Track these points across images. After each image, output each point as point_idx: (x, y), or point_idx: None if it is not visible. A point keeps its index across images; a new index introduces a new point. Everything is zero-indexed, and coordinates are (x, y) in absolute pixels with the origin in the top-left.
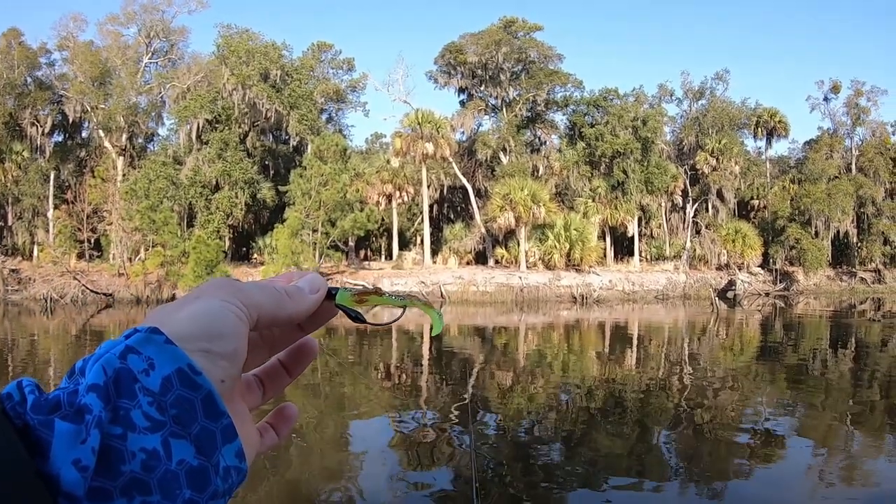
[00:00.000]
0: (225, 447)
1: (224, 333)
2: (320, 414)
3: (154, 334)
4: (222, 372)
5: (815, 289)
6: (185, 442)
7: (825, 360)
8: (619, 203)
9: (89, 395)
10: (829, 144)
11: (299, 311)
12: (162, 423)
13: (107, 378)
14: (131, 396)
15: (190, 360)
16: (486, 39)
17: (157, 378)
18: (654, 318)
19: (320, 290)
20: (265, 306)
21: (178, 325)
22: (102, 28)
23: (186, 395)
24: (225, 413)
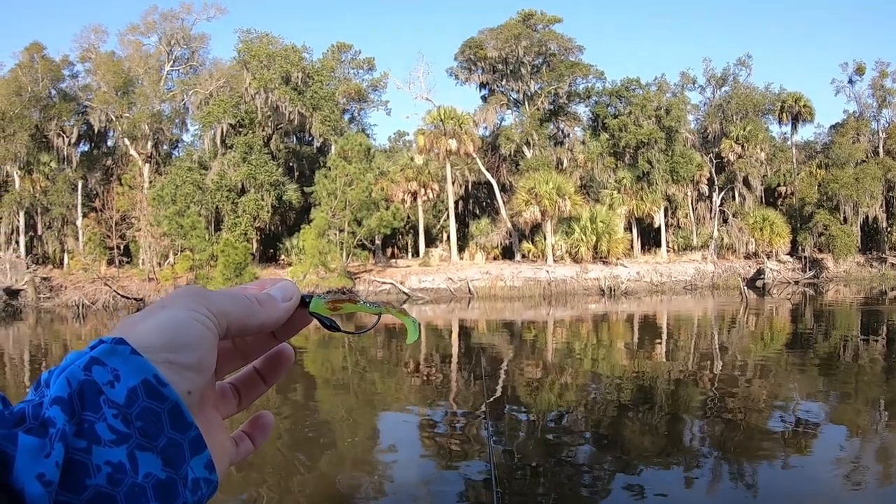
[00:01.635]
0: (193, 459)
1: (189, 344)
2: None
3: (119, 345)
4: (189, 383)
5: (845, 276)
6: (152, 454)
7: (856, 347)
8: (645, 194)
9: (53, 408)
10: (855, 128)
11: (271, 320)
12: (127, 435)
13: (71, 390)
14: (96, 409)
15: (156, 371)
16: (506, 33)
17: (123, 390)
18: (683, 308)
19: (293, 299)
20: (234, 314)
21: (142, 335)
22: (123, 38)
23: (152, 407)
24: (192, 424)
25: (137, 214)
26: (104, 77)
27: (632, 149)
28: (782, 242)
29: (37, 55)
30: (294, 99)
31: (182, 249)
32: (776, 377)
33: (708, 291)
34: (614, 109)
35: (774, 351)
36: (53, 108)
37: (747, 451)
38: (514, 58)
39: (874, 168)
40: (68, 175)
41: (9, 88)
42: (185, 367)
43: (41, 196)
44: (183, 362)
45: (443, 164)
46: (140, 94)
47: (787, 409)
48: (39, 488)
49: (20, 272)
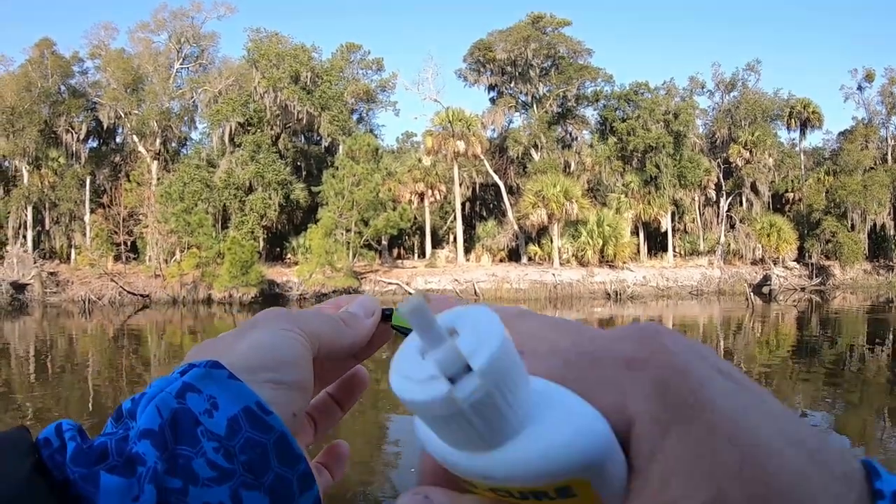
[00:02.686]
0: (302, 496)
1: (291, 362)
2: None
3: (214, 369)
4: (293, 405)
5: (852, 283)
6: (258, 493)
7: (862, 355)
8: (652, 198)
9: (142, 442)
10: (864, 135)
11: (358, 339)
12: (231, 472)
13: (162, 421)
14: (193, 443)
15: (258, 398)
16: (515, 36)
17: (223, 419)
18: (689, 313)
19: (375, 314)
20: (325, 335)
21: (238, 356)
22: (133, 35)
23: (257, 439)
24: (302, 457)
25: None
26: (114, 74)
27: (640, 153)
28: (789, 249)
29: (47, 51)
30: (303, 98)
31: (189, 247)
32: (781, 385)
33: (714, 297)
34: (622, 113)
35: (780, 358)
36: (63, 103)
37: None
38: (523, 60)
39: (882, 175)
40: (77, 171)
41: (18, 84)
42: (289, 386)
43: (49, 191)
44: (287, 381)
45: (450, 166)
46: (149, 92)
47: None
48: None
49: (27, 267)
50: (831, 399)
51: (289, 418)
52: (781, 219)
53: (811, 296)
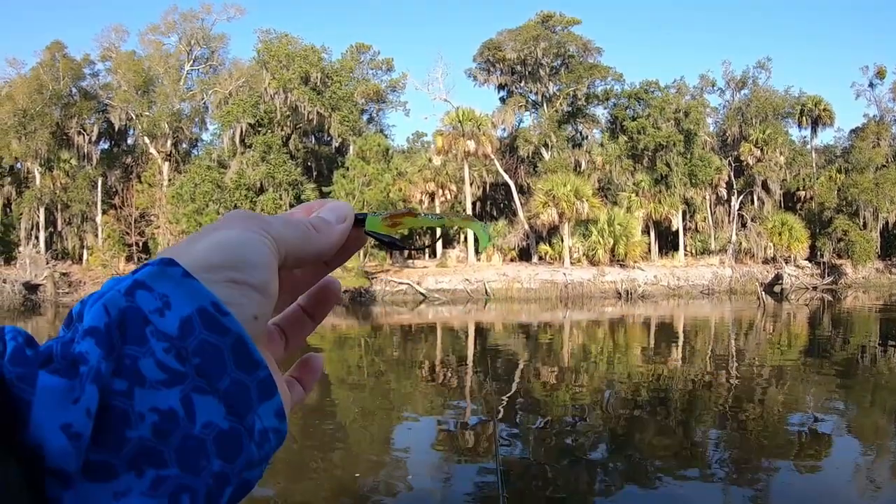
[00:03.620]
0: (262, 405)
1: (254, 262)
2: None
3: (169, 266)
4: (255, 307)
5: (864, 282)
6: (213, 399)
7: (874, 355)
8: (663, 197)
9: (85, 340)
10: (875, 132)
11: (328, 245)
12: (182, 374)
13: (109, 320)
14: (141, 342)
15: (214, 298)
16: (524, 35)
17: (175, 319)
18: (700, 313)
19: (347, 219)
20: (291, 241)
21: (197, 255)
22: (144, 38)
23: (212, 341)
24: (261, 363)
25: (156, 212)
26: (125, 76)
27: (650, 151)
28: (801, 247)
29: (58, 54)
30: (313, 99)
31: None
32: (793, 384)
33: (725, 296)
34: (633, 112)
35: (791, 357)
36: (74, 106)
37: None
38: (533, 59)
39: (895, 173)
40: (88, 172)
41: (30, 87)
42: (251, 286)
43: (61, 192)
44: (249, 281)
45: (461, 166)
46: (160, 93)
47: (804, 417)
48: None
49: (40, 267)
50: (844, 398)
51: (249, 321)
52: (793, 217)
53: (823, 295)
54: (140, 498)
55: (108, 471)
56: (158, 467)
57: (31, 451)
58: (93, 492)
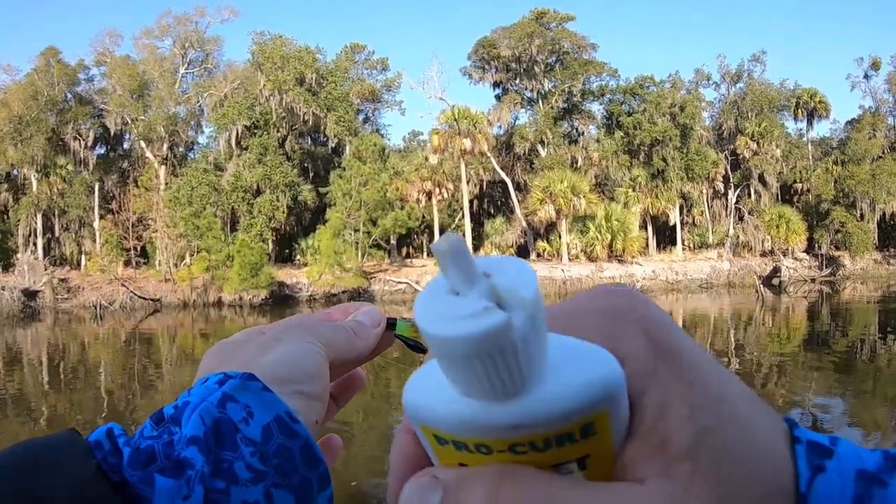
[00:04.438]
0: (320, 495)
1: (314, 374)
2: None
3: (250, 381)
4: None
5: (862, 273)
6: (286, 492)
7: (874, 346)
8: (660, 191)
9: (190, 448)
10: (871, 123)
11: (367, 348)
12: (264, 473)
13: (206, 429)
14: (234, 448)
15: (287, 408)
16: (519, 32)
17: (258, 427)
18: (699, 307)
19: (381, 324)
20: (338, 346)
21: (269, 368)
22: (138, 42)
23: (286, 444)
24: (322, 461)
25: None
26: (119, 80)
27: (646, 146)
28: (798, 240)
29: (52, 59)
30: (308, 100)
31: (198, 250)
32: (792, 375)
33: (724, 289)
34: (628, 107)
35: (791, 349)
36: (69, 111)
37: None
38: (528, 56)
39: (891, 164)
40: (85, 178)
41: (25, 93)
42: (312, 397)
43: (58, 198)
44: (311, 392)
45: (457, 164)
46: (155, 97)
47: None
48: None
49: (38, 274)
50: (843, 390)
51: (311, 426)
52: (790, 210)
53: (821, 287)
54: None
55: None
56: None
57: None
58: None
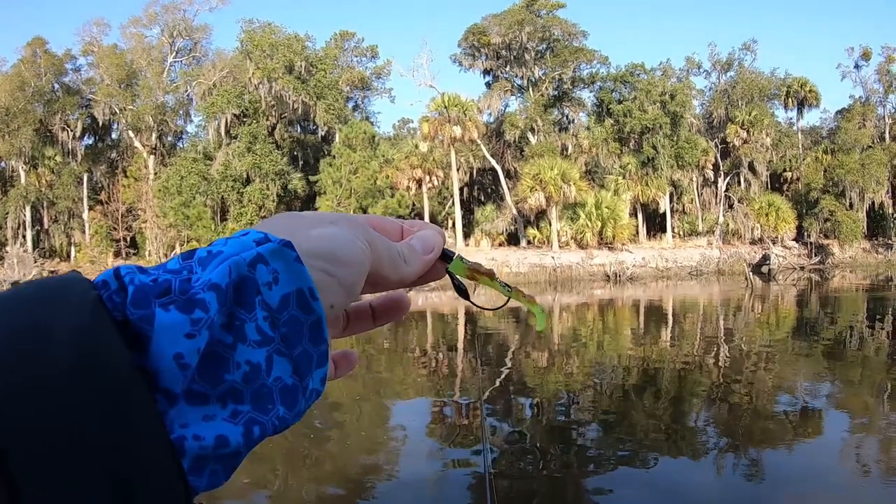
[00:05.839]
0: (316, 371)
1: (349, 262)
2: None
3: (287, 248)
4: (334, 298)
5: (851, 262)
6: (286, 361)
7: (862, 334)
8: (650, 179)
9: (208, 293)
10: (861, 113)
11: (411, 275)
12: (271, 339)
13: (229, 281)
14: (250, 309)
15: (311, 284)
16: (509, 20)
17: (278, 294)
18: (689, 294)
19: (434, 251)
20: (384, 262)
21: (308, 241)
22: (126, 31)
23: (299, 317)
24: (327, 341)
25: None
26: (107, 70)
27: (637, 134)
28: (788, 228)
29: (39, 50)
30: (297, 88)
31: (188, 240)
32: (782, 363)
33: (713, 277)
34: (619, 95)
35: (780, 337)
36: (57, 102)
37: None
38: (518, 44)
39: (880, 154)
40: (73, 168)
41: (12, 84)
42: (338, 281)
43: (47, 190)
44: (338, 276)
45: (447, 151)
46: (143, 87)
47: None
48: (176, 370)
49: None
50: (831, 377)
51: (326, 307)
52: (780, 198)
53: (810, 275)
54: (222, 423)
55: (203, 399)
56: (238, 403)
57: (148, 374)
58: (188, 412)
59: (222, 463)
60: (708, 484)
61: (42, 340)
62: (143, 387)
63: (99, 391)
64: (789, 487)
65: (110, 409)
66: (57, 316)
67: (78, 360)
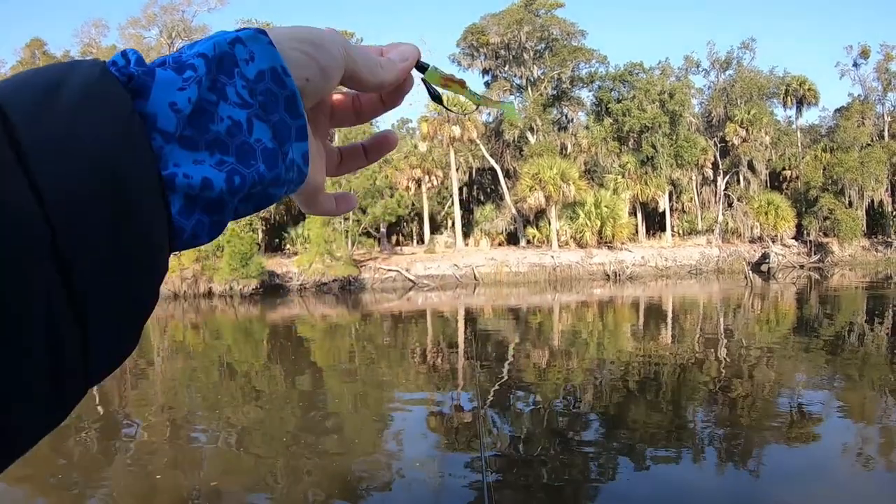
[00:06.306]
0: (295, 143)
1: (327, 49)
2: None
3: (260, 34)
4: (309, 71)
5: (851, 260)
6: (265, 125)
7: (862, 332)
8: (649, 178)
9: (197, 59)
10: (860, 111)
11: (389, 79)
12: (249, 104)
13: (214, 52)
14: (230, 75)
15: (283, 63)
16: (508, 19)
17: (254, 69)
18: (688, 293)
19: (409, 59)
20: (360, 64)
21: (282, 31)
22: (124, 32)
23: (274, 90)
24: (303, 115)
25: None
26: None
27: (636, 133)
28: (787, 226)
29: (38, 51)
30: None
31: None
32: (781, 361)
33: (713, 276)
34: (618, 94)
35: (780, 335)
36: None
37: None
38: (517, 43)
39: (879, 152)
40: None
41: None
42: (315, 62)
43: None
44: (316, 57)
45: (446, 151)
46: None
47: (793, 393)
48: (171, 114)
49: None
50: (831, 375)
51: (301, 79)
52: (779, 196)
53: (810, 273)
54: (209, 168)
55: (194, 144)
56: (224, 154)
57: (146, 117)
58: (180, 153)
59: (208, 213)
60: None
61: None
62: (141, 123)
63: (104, 119)
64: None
65: (113, 132)
66: (70, 74)
67: (85, 98)
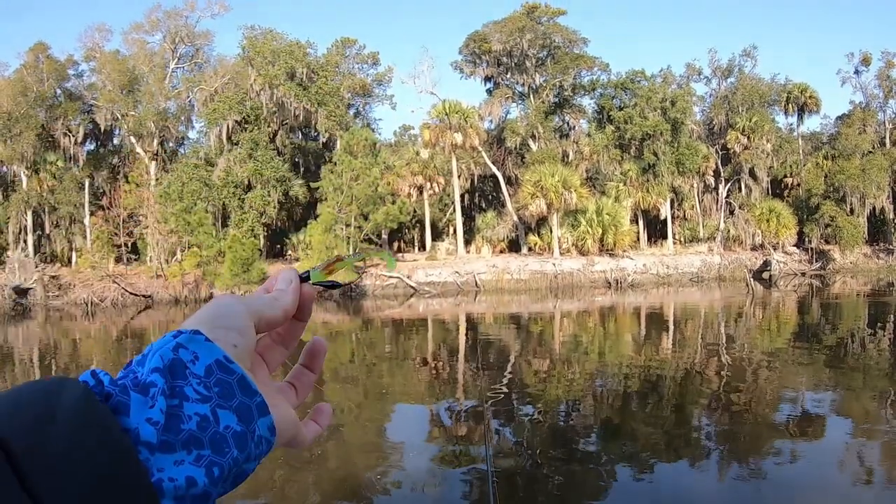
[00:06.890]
0: (260, 420)
1: (231, 315)
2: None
3: (196, 334)
4: (233, 339)
5: (852, 267)
6: (229, 412)
7: (863, 339)
8: (651, 186)
9: (153, 375)
10: (861, 119)
11: (287, 305)
12: (209, 397)
13: (164, 363)
14: (184, 378)
15: (224, 353)
16: (510, 27)
17: (202, 366)
18: (690, 300)
19: (293, 279)
20: (263, 310)
21: (201, 318)
22: (128, 37)
23: (225, 378)
24: (258, 392)
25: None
26: (109, 76)
27: (637, 141)
28: (789, 234)
29: (41, 55)
30: (299, 95)
31: (189, 246)
32: (783, 369)
33: (714, 283)
34: (619, 101)
35: (781, 343)
36: (59, 107)
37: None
38: (519, 51)
39: (881, 159)
40: (75, 174)
41: (14, 89)
42: (229, 329)
43: (48, 195)
44: (228, 326)
45: (448, 158)
46: (145, 92)
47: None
48: (150, 428)
49: (29, 271)
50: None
51: (230, 347)
52: (780, 204)
53: (811, 280)
54: (190, 466)
55: (172, 447)
56: (199, 448)
57: (130, 432)
58: (163, 459)
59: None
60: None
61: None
62: (129, 440)
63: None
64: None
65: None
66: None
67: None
